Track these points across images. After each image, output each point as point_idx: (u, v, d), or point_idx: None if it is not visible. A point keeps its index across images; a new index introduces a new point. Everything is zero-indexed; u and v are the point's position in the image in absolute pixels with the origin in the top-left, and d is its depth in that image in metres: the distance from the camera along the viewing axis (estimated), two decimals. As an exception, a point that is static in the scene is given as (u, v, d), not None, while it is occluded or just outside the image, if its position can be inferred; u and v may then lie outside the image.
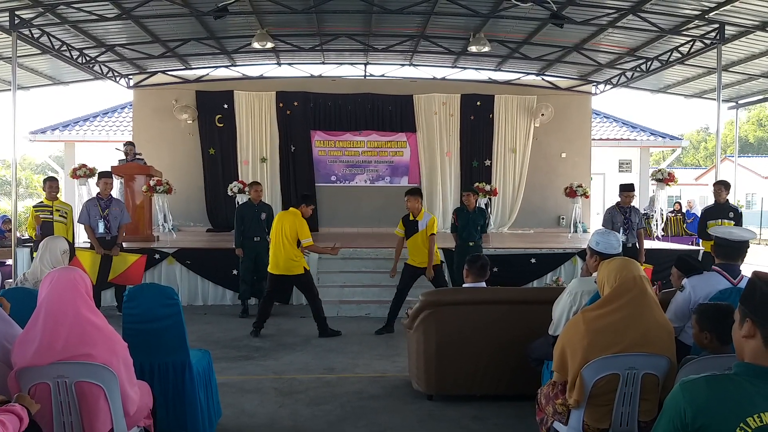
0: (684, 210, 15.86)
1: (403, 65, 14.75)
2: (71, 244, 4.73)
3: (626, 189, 8.57)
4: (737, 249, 3.83)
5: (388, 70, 14.99)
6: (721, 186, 8.87)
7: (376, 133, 14.81)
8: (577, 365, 3.01)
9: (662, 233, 12.72)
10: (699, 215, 9.68)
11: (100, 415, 2.89)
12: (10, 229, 10.19)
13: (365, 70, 14.83)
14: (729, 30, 9.92)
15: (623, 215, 8.38)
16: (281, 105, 14.52)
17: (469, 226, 8.53)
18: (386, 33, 12.34)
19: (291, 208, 7.64)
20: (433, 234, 7.49)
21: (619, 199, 8.59)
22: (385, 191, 14.87)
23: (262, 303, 7.68)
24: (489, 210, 14.11)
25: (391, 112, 14.71)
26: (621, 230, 8.20)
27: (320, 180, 14.78)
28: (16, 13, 9.18)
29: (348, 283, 9.27)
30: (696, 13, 9.63)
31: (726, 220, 8.52)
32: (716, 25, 9.77)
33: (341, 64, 14.69)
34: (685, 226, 14.87)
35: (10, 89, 9.75)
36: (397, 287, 7.71)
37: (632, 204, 8.61)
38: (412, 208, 7.57)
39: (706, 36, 10.12)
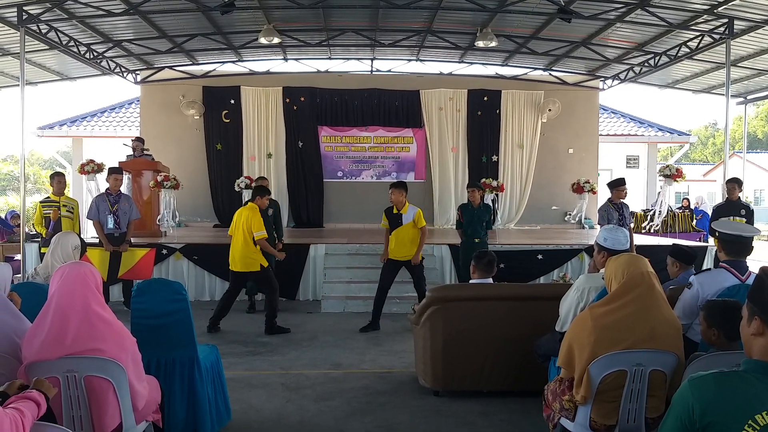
0: (693, 206, 15.79)
1: (409, 60, 14.72)
2: (83, 240, 4.76)
3: (619, 184, 8.42)
4: (747, 245, 3.82)
5: (395, 65, 14.97)
6: (735, 183, 8.82)
7: (383, 129, 14.80)
8: (585, 361, 3.01)
9: (657, 228, 12.61)
10: (707, 212, 9.65)
11: (109, 409, 2.91)
12: (19, 224, 10.24)
13: (372, 66, 14.81)
14: (738, 25, 9.86)
15: (618, 211, 8.31)
16: (288, 100, 14.52)
17: (474, 223, 8.50)
18: (393, 28, 12.32)
19: (249, 203, 7.66)
20: (425, 226, 7.55)
21: (610, 196, 8.50)
22: (392, 187, 14.84)
23: (222, 298, 7.68)
24: (496, 206, 14.09)
25: (397, 107, 14.69)
26: None
27: (327, 175, 14.78)
28: (24, 8, 9.21)
29: (354, 279, 9.27)
30: (705, 7, 9.57)
31: (738, 218, 8.47)
32: (725, 20, 9.71)
33: (348, 59, 14.67)
34: (694, 223, 14.80)
35: (18, 85, 9.80)
36: (379, 283, 7.67)
37: (624, 200, 8.52)
38: (395, 201, 7.58)
39: (715, 31, 10.06)
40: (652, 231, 12.60)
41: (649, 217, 12.26)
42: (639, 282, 3.05)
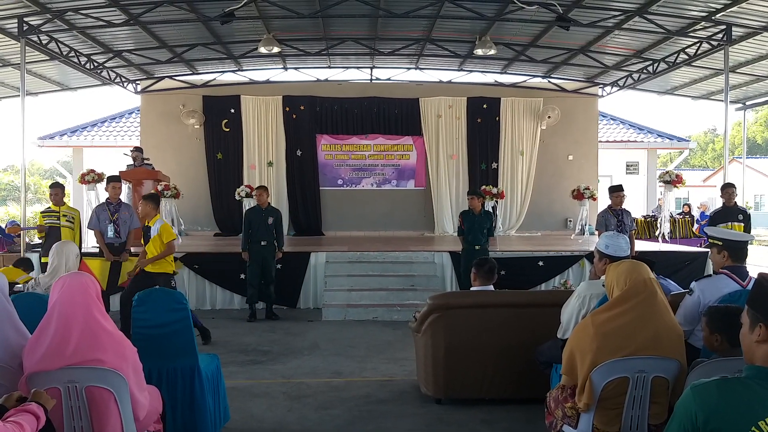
0: (699, 212, 15.79)
1: (409, 69, 14.77)
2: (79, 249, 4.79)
3: (615, 190, 8.50)
4: (745, 250, 3.84)
5: (394, 73, 15.01)
6: (733, 189, 8.84)
7: (383, 137, 14.82)
8: (587, 369, 3.00)
9: (669, 235, 12.63)
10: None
11: (111, 419, 2.90)
12: (19, 234, 10.24)
13: (371, 74, 14.86)
14: (736, 31, 9.89)
15: (616, 218, 8.34)
16: (287, 109, 14.55)
17: (475, 230, 8.53)
18: (392, 37, 12.36)
19: None
20: (173, 240, 7.12)
21: (610, 202, 8.55)
22: (392, 195, 14.89)
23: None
24: (497, 212, 14.11)
25: (397, 115, 14.72)
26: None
27: (326, 184, 14.80)
28: (25, 19, 9.25)
29: (355, 287, 9.26)
30: (703, 14, 9.61)
31: (736, 223, 8.48)
32: (723, 27, 9.74)
33: (347, 68, 14.72)
34: (697, 229, 14.79)
35: (18, 95, 9.83)
36: (127, 290, 7.23)
37: (623, 206, 8.56)
38: (143, 213, 7.21)
39: (713, 37, 10.09)
40: (658, 238, 12.59)
41: (660, 224, 12.24)
42: (642, 289, 3.05)
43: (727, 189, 8.84)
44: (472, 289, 5.26)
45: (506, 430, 4.47)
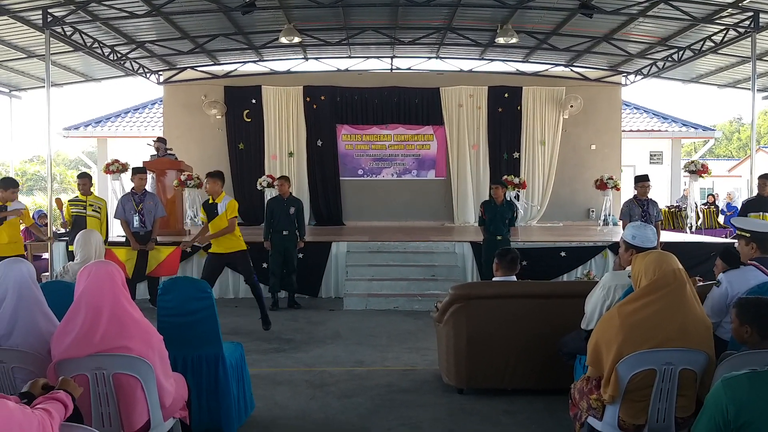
0: (725, 203, 15.55)
1: (429, 58, 14.68)
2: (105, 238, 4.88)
3: (641, 179, 8.39)
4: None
5: (415, 63, 14.93)
6: (766, 179, 8.66)
7: (403, 127, 14.77)
8: (612, 360, 2.97)
9: (697, 226, 12.45)
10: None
11: (138, 406, 2.94)
12: (46, 223, 10.40)
13: (392, 64, 14.79)
14: (764, 18, 9.68)
15: (641, 208, 8.22)
16: (308, 99, 14.56)
17: (497, 220, 8.49)
18: (412, 26, 12.28)
19: None
20: (235, 217, 7.26)
21: (635, 192, 8.44)
22: (413, 185, 14.86)
23: None
24: (527, 202, 14.04)
25: (417, 105, 14.65)
26: None
27: (347, 174, 14.80)
28: (49, 11, 9.34)
29: (376, 277, 9.28)
30: (729, 1, 9.42)
31: None
32: (750, 13, 9.53)
33: (368, 57, 14.66)
34: (722, 219, 14.56)
35: (44, 86, 9.94)
36: (202, 276, 7.29)
37: (649, 196, 8.44)
38: (211, 190, 7.39)
39: (740, 24, 9.88)
40: (686, 229, 12.42)
41: (694, 215, 12.05)
42: (671, 280, 3.01)
43: (763, 179, 8.65)
44: (494, 279, 5.24)
45: (528, 420, 4.46)
